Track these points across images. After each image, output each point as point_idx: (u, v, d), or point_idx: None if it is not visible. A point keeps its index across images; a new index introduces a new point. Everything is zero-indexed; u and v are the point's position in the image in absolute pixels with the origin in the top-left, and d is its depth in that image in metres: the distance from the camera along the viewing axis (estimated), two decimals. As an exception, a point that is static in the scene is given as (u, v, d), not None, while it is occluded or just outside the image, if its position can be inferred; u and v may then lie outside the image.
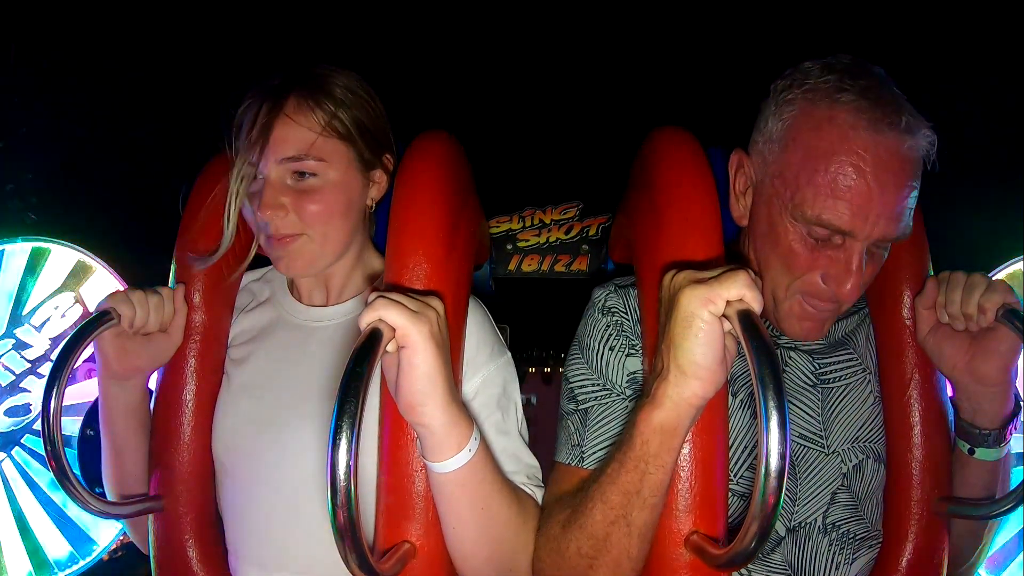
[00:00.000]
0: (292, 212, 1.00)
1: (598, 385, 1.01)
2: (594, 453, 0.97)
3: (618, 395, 0.99)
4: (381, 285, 0.93)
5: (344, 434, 0.68)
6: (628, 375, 1.00)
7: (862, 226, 0.89)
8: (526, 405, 1.10)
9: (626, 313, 1.03)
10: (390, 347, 0.78)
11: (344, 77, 1.06)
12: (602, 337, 1.03)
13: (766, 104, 0.98)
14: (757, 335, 0.73)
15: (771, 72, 1.00)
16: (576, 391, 1.02)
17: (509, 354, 1.06)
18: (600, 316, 1.04)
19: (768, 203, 0.97)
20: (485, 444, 0.87)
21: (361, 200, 1.07)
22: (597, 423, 0.98)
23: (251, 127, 1.01)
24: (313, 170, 1.00)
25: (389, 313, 0.76)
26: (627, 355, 1.00)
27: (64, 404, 0.96)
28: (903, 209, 0.90)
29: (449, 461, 0.82)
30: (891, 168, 0.88)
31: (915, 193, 0.91)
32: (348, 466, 0.67)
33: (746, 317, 0.75)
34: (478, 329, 1.02)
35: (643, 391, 0.87)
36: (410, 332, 0.77)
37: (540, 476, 1.02)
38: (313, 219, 1.00)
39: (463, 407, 0.85)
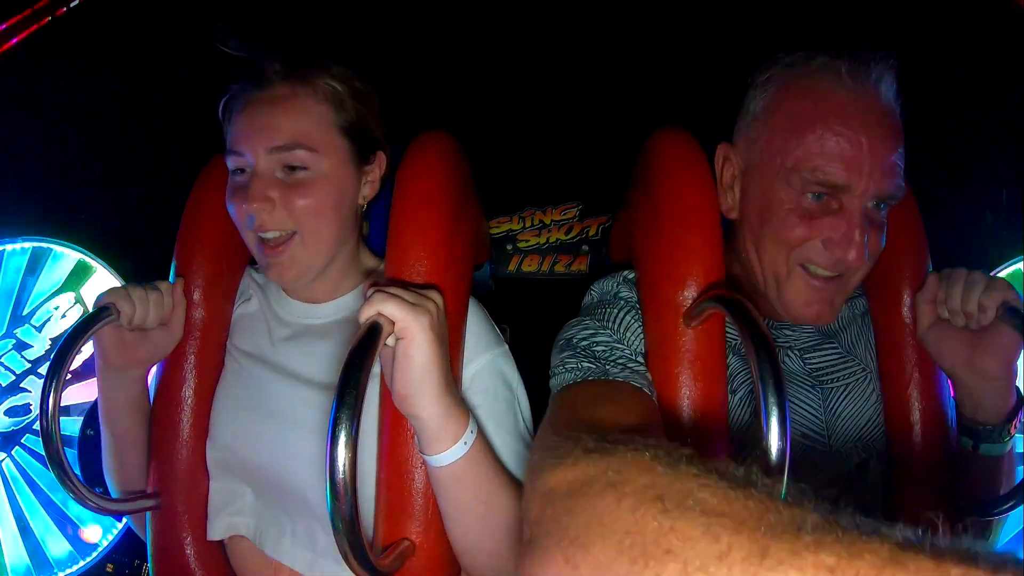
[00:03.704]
0: (280, 207, 0.96)
1: (611, 339, 0.95)
2: (619, 375, 0.89)
3: (631, 354, 0.94)
4: (382, 281, 0.93)
5: (343, 428, 0.68)
6: (643, 351, 0.96)
7: (858, 180, 0.89)
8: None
9: (636, 302, 1.00)
10: (389, 341, 0.78)
11: (339, 69, 1.03)
12: (617, 305, 1.00)
13: (747, 94, 1.00)
14: (756, 331, 0.73)
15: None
16: (575, 341, 0.96)
17: (506, 346, 1.05)
18: (610, 295, 1.02)
19: (760, 179, 0.96)
20: (483, 437, 0.87)
21: (353, 197, 1.03)
22: (613, 359, 0.91)
23: (240, 112, 0.98)
24: (304, 162, 0.96)
25: (388, 307, 0.77)
26: (643, 327, 0.97)
27: (65, 404, 0.95)
28: (893, 164, 0.91)
29: (445, 454, 0.82)
30: (874, 121, 0.90)
31: (901, 148, 0.92)
32: (348, 459, 0.68)
33: (743, 310, 0.75)
34: (472, 322, 1.01)
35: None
36: (409, 324, 0.77)
37: None
38: (302, 214, 0.96)
39: (459, 400, 0.84)
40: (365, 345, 0.73)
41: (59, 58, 1.96)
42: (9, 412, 1.98)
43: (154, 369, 1.10)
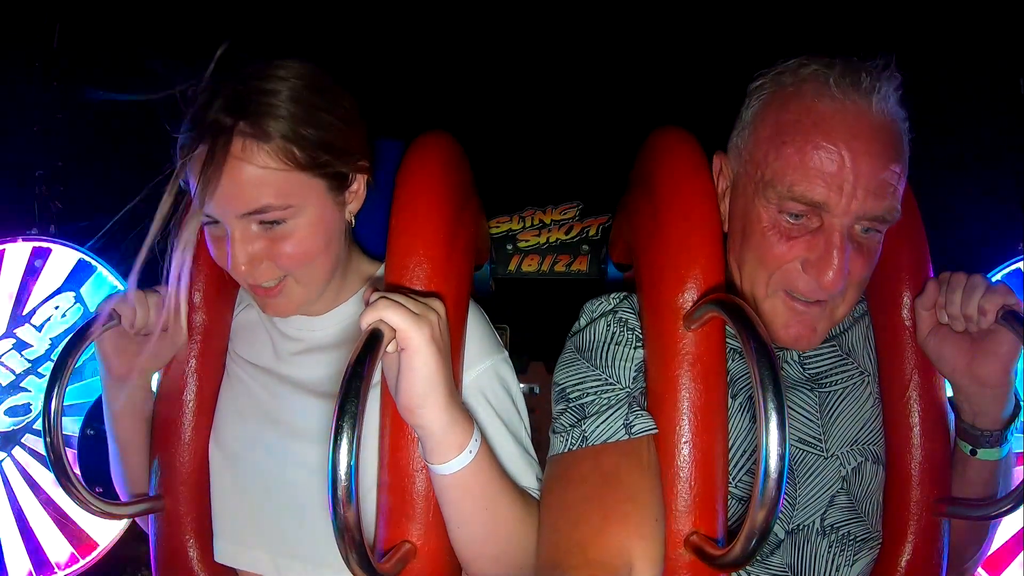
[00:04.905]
0: (267, 260, 0.92)
1: (600, 380, 0.95)
2: (596, 432, 0.90)
3: (622, 388, 0.94)
4: (382, 286, 0.93)
5: (345, 434, 0.68)
6: (636, 365, 0.96)
7: (838, 199, 0.84)
8: (528, 395, 1.08)
9: (631, 310, 1.00)
10: (390, 348, 0.78)
11: (290, 83, 0.89)
12: (604, 337, 0.99)
13: (744, 101, 0.98)
14: (756, 336, 0.73)
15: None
16: (568, 390, 0.96)
17: (506, 352, 1.05)
18: (600, 319, 1.01)
19: (743, 192, 0.94)
20: (487, 445, 0.87)
21: (340, 224, 0.99)
22: (597, 410, 0.92)
23: (196, 176, 0.87)
24: (280, 217, 0.90)
25: (390, 314, 0.76)
26: (635, 348, 0.96)
27: (65, 404, 0.96)
28: (883, 182, 0.85)
29: (450, 463, 0.82)
30: (862, 135, 0.84)
31: (896, 167, 0.86)
32: (349, 466, 0.68)
33: (742, 315, 0.75)
34: (473, 327, 1.01)
35: None
36: (411, 335, 0.77)
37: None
38: (291, 263, 0.93)
39: (463, 409, 0.84)
40: (366, 352, 0.73)
41: (60, 59, 1.96)
42: (9, 412, 1.98)
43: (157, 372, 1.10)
